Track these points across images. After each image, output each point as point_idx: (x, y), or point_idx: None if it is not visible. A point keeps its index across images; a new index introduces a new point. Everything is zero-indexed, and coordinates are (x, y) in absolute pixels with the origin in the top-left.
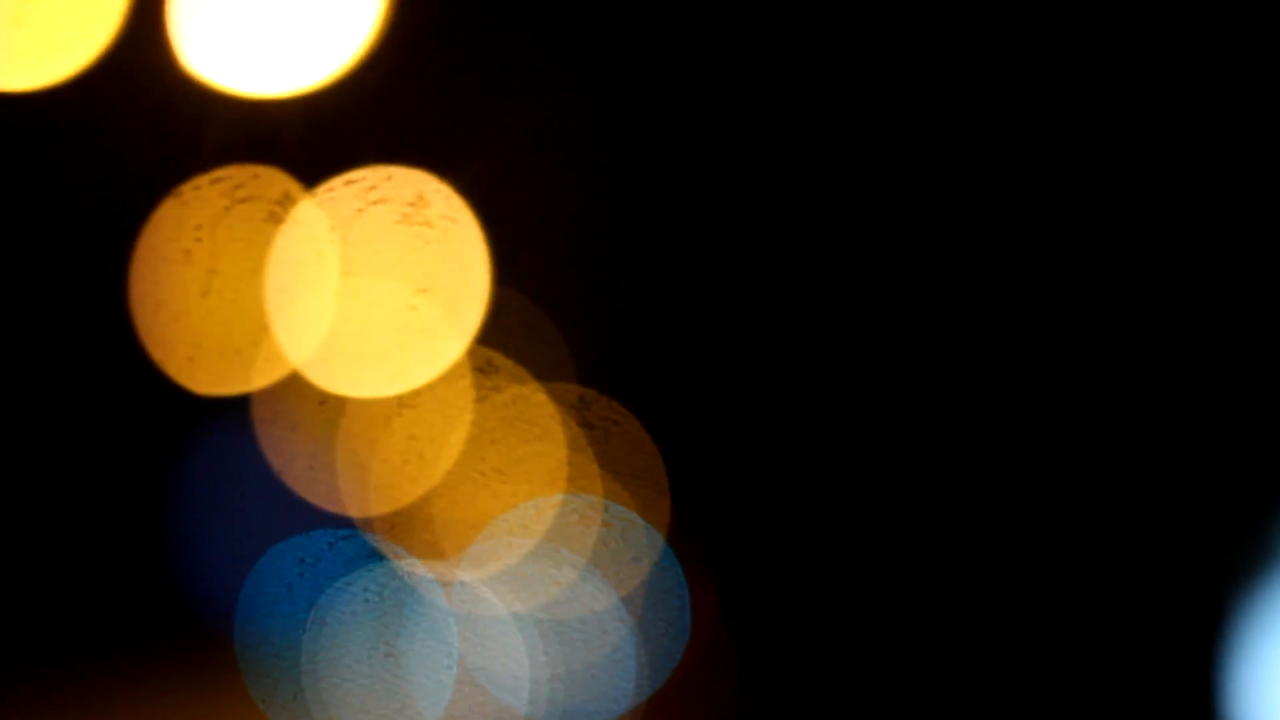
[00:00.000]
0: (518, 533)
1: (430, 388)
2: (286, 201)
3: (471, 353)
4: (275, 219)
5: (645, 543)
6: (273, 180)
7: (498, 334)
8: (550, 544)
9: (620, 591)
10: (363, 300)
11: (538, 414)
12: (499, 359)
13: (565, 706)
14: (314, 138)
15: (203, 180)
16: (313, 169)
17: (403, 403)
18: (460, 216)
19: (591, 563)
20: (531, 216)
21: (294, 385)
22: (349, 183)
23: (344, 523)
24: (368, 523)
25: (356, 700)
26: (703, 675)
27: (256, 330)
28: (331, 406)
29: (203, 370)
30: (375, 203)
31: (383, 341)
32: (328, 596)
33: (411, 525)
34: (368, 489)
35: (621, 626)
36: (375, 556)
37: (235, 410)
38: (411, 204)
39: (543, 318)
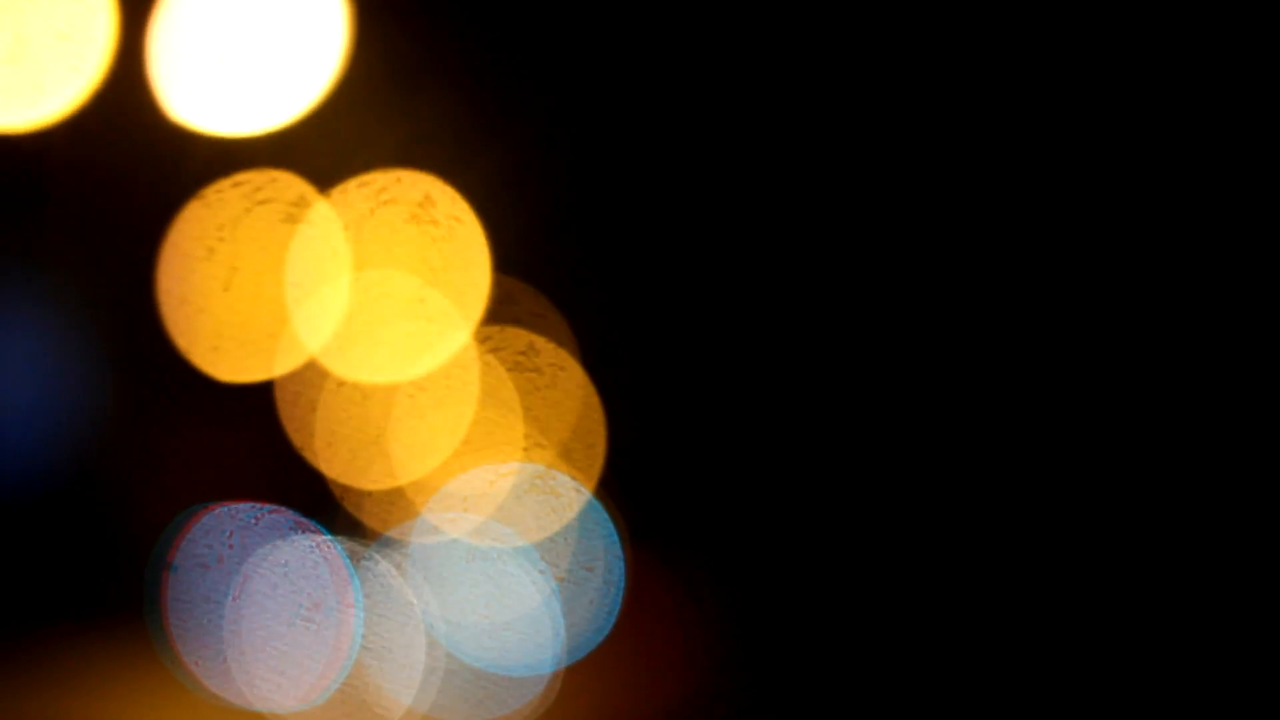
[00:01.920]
0: (453, 501)
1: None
2: (302, 203)
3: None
4: (292, 219)
5: (582, 505)
6: (289, 183)
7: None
8: (484, 510)
9: (556, 552)
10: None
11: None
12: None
13: (504, 662)
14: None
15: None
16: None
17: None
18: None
19: (529, 525)
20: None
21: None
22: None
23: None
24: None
25: (281, 666)
26: (643, 632)
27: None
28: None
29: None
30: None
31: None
32: (252, 567)
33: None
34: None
35: (559, 586)
36: (298, 529)
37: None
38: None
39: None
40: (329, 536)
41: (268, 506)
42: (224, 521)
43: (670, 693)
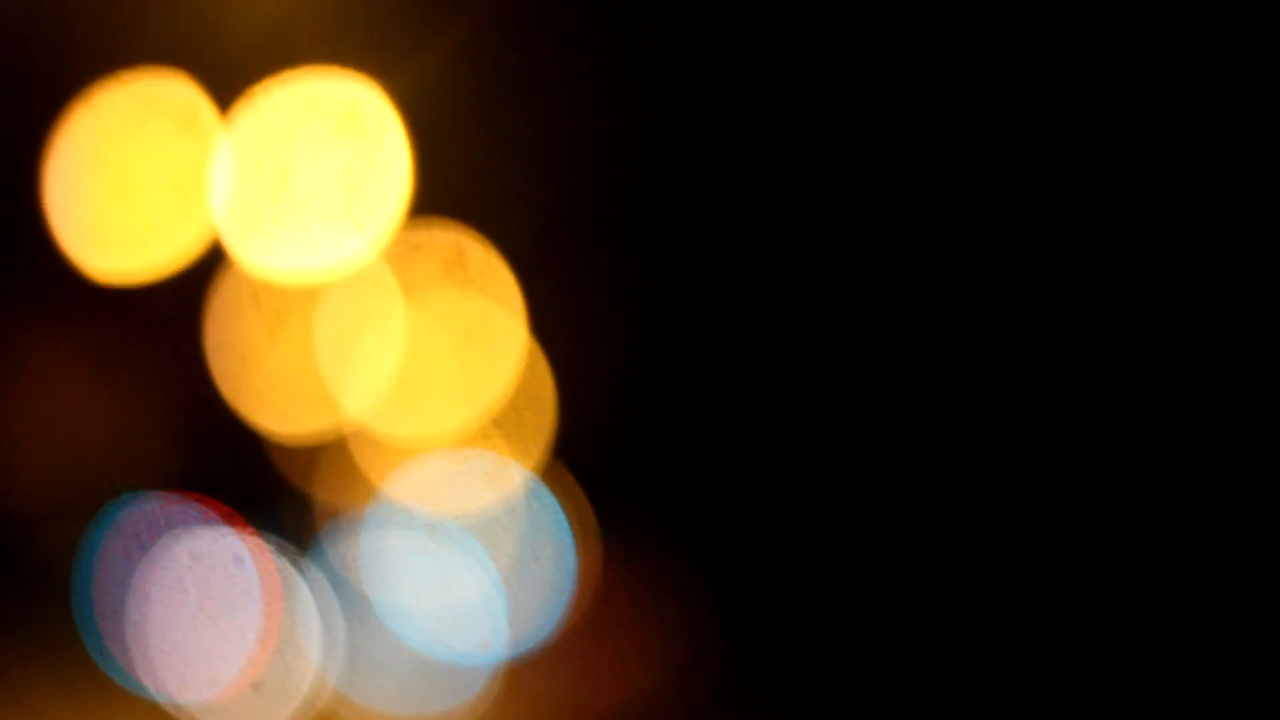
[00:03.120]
0: (403, 489)
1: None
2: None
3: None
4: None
5: (535, 493)
6: None
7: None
8: (435, 498)
9: (507, 541)
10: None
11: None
12: None
13: (450, 652)
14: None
15: None
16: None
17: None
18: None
19: (480, 513)
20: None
21: None
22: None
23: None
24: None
25: (188, 657)
26: (596, 624)
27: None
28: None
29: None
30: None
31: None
32: (159, 560)
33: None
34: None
35: (508, 575)
36: (205, 521)
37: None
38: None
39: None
40: (262, 530)
41: (190, 503)
42: (148, 517)
43: (625, 687)
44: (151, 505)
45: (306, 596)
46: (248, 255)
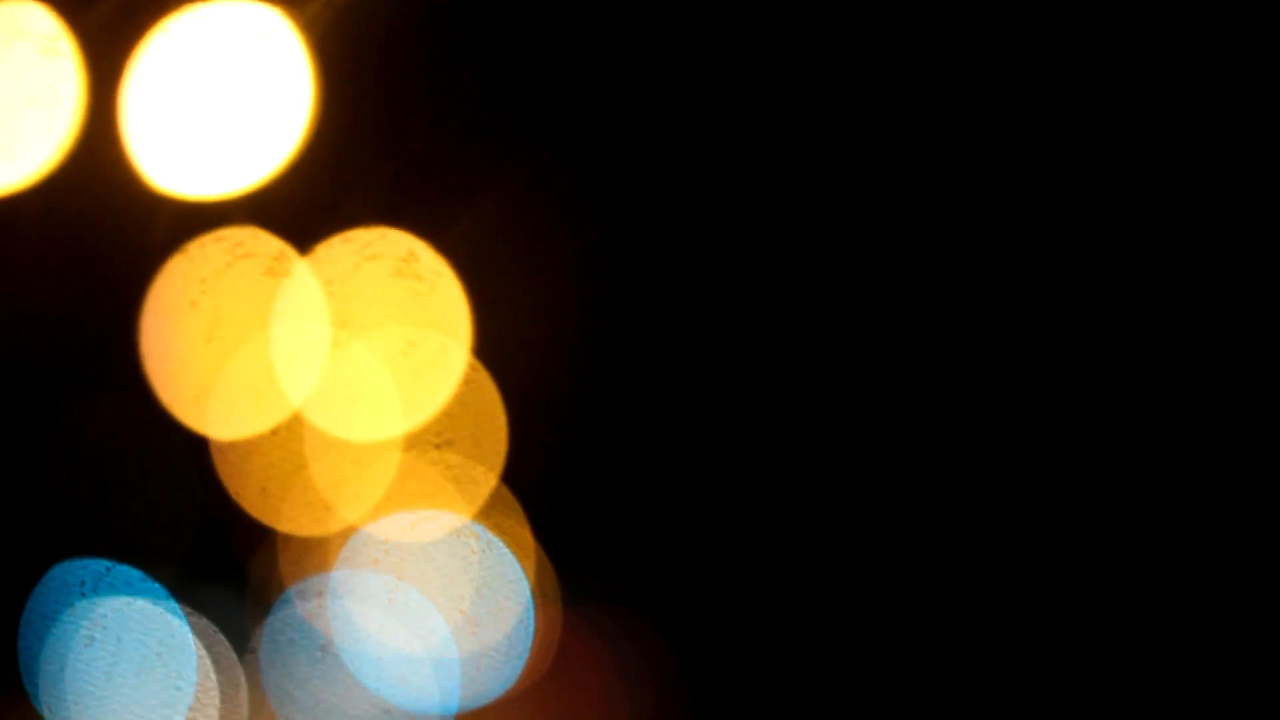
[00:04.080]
0: (368, 549)
1: None
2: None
3: None
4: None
5: (493, 555)
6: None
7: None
8: (399, 556)
9: (467, 597)
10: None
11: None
12: None
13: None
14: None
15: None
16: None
17: None
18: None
19: (441, 571)
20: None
21: None
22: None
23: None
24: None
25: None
26: (557, 672)
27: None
28: None
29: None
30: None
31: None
32: (104, 620)
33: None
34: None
35: (468, 628)
36: (146, 584)
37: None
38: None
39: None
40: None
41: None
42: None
43: None
44: (90, 570)
45: (251, 660)
46: (156, 177)
